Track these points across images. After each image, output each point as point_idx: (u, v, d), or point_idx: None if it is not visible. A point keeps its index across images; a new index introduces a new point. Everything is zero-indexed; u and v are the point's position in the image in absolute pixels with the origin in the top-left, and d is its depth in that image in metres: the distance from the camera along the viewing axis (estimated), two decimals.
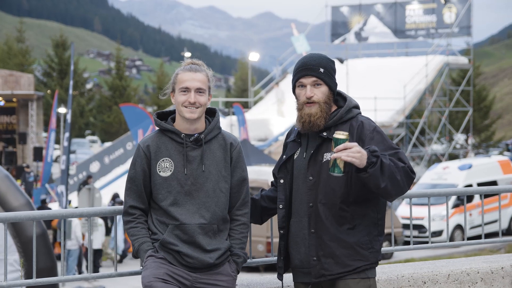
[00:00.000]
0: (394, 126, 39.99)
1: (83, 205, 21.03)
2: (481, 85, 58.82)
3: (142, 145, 4.54)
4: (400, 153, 4.34)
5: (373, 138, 4.38)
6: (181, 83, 4.52)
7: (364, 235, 4.43)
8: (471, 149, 48.78)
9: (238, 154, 4.61)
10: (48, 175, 32.90)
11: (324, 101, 4.47)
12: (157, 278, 4.33)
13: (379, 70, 44.26)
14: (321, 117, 4.44)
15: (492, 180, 27.50)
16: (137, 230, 4.52)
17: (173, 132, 4.52)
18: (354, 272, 4.40)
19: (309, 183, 4.46)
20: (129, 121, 32.88)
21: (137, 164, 4.54)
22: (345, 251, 4.39)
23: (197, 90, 4.50)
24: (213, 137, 4.57)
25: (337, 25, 49.18)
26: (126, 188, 4.58)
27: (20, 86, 37.03)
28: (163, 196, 4.47)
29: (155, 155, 4.51)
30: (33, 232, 13.00)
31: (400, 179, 4.26)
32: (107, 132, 65.19)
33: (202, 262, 4.43)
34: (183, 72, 4.56)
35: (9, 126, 38.36)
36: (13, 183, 14.46)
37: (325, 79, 4.48)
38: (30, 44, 69.77)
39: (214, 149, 4.54)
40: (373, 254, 4.45)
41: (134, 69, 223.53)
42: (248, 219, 4.66)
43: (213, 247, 4.46)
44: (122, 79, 66.74)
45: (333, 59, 4.59)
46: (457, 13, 45.90)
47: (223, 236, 4.54)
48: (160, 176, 4.48)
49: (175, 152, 4.50)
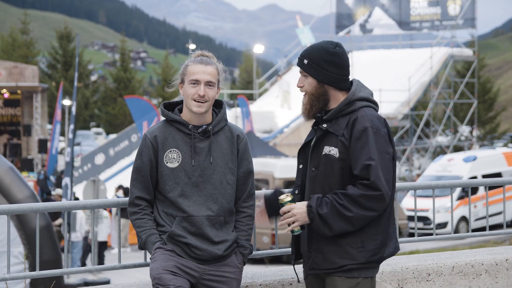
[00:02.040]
0: (399, 118, 39.95)
1: (87, 197, 21.02)
2: (485, 77, 58.70)
3: (149, 135, 4.50)
4: (371, 167, 4.21)
5: (359, 140, 4.28)
6: (191, 75, 4.47)
7: (356, 235, 4.31)
8: (476, 141, 48.71)
9: (244, 146, 4.59)
10: (53, 167, 32.97)
11: (311, 92, 4.42)
12: (166, 270, 4.32)
13: (384, 62, 44.19)
14: (309, 107, 4.42)
15: (497, 172, 27.49)
16: (143, 222, 4.48)
17: (181, 123, 4.49)
18: (340, 270, 4.32)
19: (311, 174, 4.43)
20: (134, 113, 32.90)
21: (144, 154, 4.49)
22: (333, 248, 4.33)
23: (207, 83, 4.45)
24: (220, 129, 4.54)
25: (342, 17, 49.08)
26: (132, 179, 4.53)
27: (25, 78, 36.97)
28: (170, 187, 4.44)
29: (162, 145, 4.47)
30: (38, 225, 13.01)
31: (353, 214, 4.21)
32: (111, 124, 65.18)
33: (211, 254, 4.42)
34: (193, 64, 4.50)
35: (14, 118, 38.35)
36: (18, 175, 14.48)
37: (309, 71, 4.43)
38: (35, 36, 69.66)
39: (221, 141, 4.52)
40: (363, 254, 4.31)
41: (139, 61, 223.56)
42: (254, 211, 4.65)
43: (220, 239, 4.45)
44: (127, 71, 66.70)
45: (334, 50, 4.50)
46: (462, 5, 45.80)
47: (229, 228, 4.53)
48: (167, 167, 4.45)
49: (182, 143, 4.47)
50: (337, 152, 4.33)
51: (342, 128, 4.35)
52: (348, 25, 48.80)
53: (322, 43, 4.51)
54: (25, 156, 36.64)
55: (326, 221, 4.23)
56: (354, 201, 4.22)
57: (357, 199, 4.21)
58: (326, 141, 4.40)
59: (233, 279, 4.48)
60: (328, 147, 4.36)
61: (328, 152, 4.35)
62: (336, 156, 4.33)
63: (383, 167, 4.25)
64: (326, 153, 4.36)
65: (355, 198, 4.21)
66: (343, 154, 4.32)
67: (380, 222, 4.35)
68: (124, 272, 20.63)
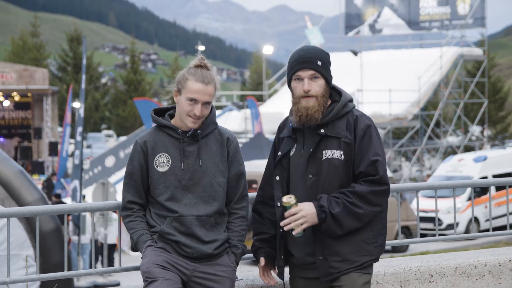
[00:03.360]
0: (409, 118, 39.91)
1: (97, 200, 21.06)
2: (496, 76, 58.55)
3: (140, 141, 4.55)
4: (379, 162, 4.31)
5: (363, 138, 4.35)
6: (190, 92, 4.45)
7: (368, 230, 4.39)
8: (487, 141, 48.58)
9: (235, 148, 4.60)
10: (64, 170, 32.99)
11: (321, 94, 4.40)
12: (156, 264, 4.35)
13: (394, 62, 44.14)
14: (318, 110, 4.38)
15: (508, 172, 27.36)
16: (135, 224, 4.53)
17: (170, 128, 4.52)
18: (360, 267, 4.38)
19: (309, 181, 4.40)
20: (143, 116, 32.87)
21: (135, 159, 4.54)
22: (351, 248, 4.37)
23: (205, 103, 4.47)
24: (210, 132, 4.56)
25: (351, 17, 49.07)
26: (124, 184, 4.59)
27: (35, 81, 37.06)
28: (160, 191, 4.48)
29: (152, 150, 4.51)
30: (48, 227, 13.02)
31: (363, 211, 4.29)
32: (122, 126, 65.28)
33: (200, 252, 4.43)
34: (194, 82, 4.47)
35: (24, 121, 38.49)
36: (28, 178, 14.51)
37: (322, 72, 4.41)
38: (45, 39, 69.82)
39: (210, 144, 4.54)
40: (377, 249, 4.42)
41: (150, 63, 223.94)
42: (247, 213, 4.65)
43: (210, 239, 4.47)
44: (137, 73, 66.76)
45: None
46: (471, 4, 45.71)
47: (220, 229, 4.54)
48: (157, 171, 4.49)
49: (172, 147, 4.50)
50: (341, 154, 4.35)
51: (343, 129, 4.37)
52: (357, 25, 48.79)
53: (314, 47, 4.54)
54: (36, 159, 36.75)
55: (338, 221, 4.28)
56: (364, 198, 4.29)
57: (367, 196, 4.29)
58: (324, 146, 4.39)
59: (226, 278, 4.48)
60: (329, 151, 4.36)
61: (331, 156, 4.35)
62: (341, 158, 4.35)
63: (385, 162, 4.40)
64: (328, 158, 4.36)
65: (364, 195, 4.29)
66: (347, 155, 4.35)
67: (384, 217, 4.46)
68: (134, 274, 20.69)
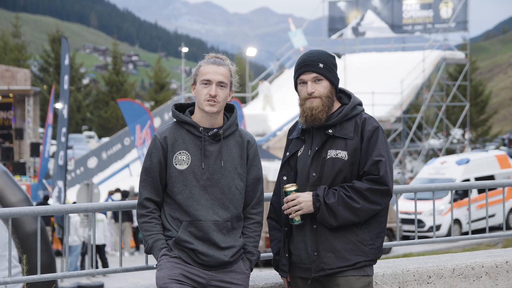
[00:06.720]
0: (391, 121, 40.01)
1: (81, 201, 20.98)
2: (477, 80, 58.87)
3: (159, 136, 4.46)
4: (381, 163, 4.37)
5: (370, 139, 4.41)
6: (203, 75, 4.44)
7: (366, 232, 4.44)
8: (468, 144, 48.82)
9: (254, 152, 4.57)
10: (45, 171, 32.86)
11: (326, 95, 4.47)
12: (172, 279, 4.28)
13: (376, 65, 44.26)
14: (323, 110, 4.45)
15: (490, 175, 27.52)
16: (151, 226, 4.44)
17: (191, 125, 4.45)
18: (354, 267, 4.40)
19: (312, 179, 4.45)
20: (127, 117, 32.80)
21: (154, 155, 4.44)
22: (347, 246, 4.40)
23: (219, 84, 4.43)
24: (231, 134, 4.51)
25: (334, 20, 49.14)
26: (141, 180, 4.48)
27: (17, 82, 36.85)
28: (178, 189, 4.40)
29: (172, 147, 4.43)
30: (31, 228, 12.94)
31: (360, 206, 4.34)
32: (104, 128, 65.13)
33: (217, 260, 4.38)
34: (205, 65, 4.48)
35: (6, 122, 38.25)
36: (11, 179, 14.40)
37: (325, 74, 4.48)
38: (26, 39, 69.56)
39: (230, 146, 4.49)
40: (373, 251, 4.45)
41: (131, 65, 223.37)
42: (262, 218, 4.63)
43: (227, 245, 4.41)
44: (119, 75, 66.65)
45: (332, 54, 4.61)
46: (454, 8, 45.91)
47: (236, 234, 4.49)
48: (176, 169, 4.40)
49: (192, 145, 4.43)
50: (345, 154, 4.42)
51: (351, 131, 4.45)
52: (340, 28, 48.86)
53: (317, 50, 4.60)
54: (17, 159, 36.56)
55: (332, 211, 4.34)
56: (361, 194, 4.35)
57: (364, 192, 4.35)
58: (330, 145, 4.46)
59: (241, 286, 4.45)
60: (334, 151, 4.43)
61: (335, 156, 4.42)
62: (345, 158, 4.41)
63: (389, 164, 4.42)
64: (332, 157, 4.42)
65: (361, 191, 4.35)
66: (352, 157, 4.42)
67: (382, 220, 4.50)
68: (117, 276, 20.60)
